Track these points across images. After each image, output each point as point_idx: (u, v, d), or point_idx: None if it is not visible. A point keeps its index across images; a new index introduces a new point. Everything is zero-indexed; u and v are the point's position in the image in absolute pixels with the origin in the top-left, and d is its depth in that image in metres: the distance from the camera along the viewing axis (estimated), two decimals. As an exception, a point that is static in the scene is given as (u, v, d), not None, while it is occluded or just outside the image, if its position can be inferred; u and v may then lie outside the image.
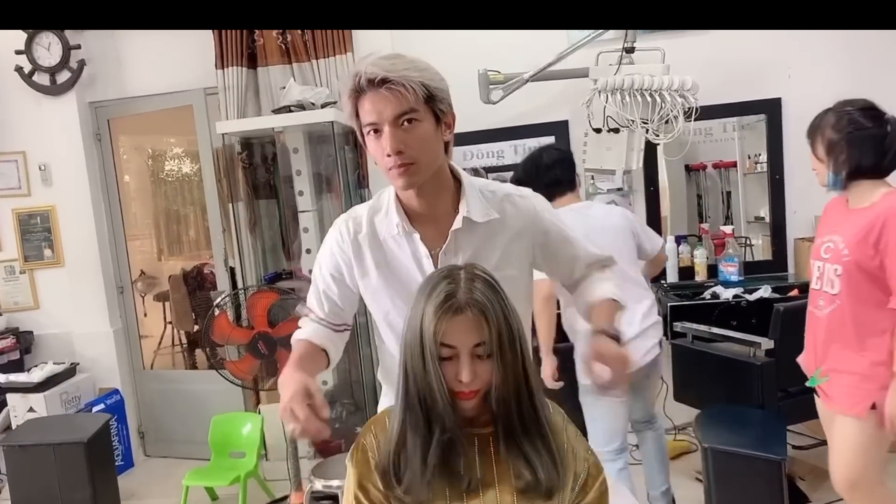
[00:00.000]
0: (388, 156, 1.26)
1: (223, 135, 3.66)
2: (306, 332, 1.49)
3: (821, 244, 2.11)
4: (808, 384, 2.20)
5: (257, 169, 3.94)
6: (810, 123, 2.13)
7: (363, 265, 1.44)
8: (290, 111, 3.50)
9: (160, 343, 5.61)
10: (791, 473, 2.85)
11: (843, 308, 2.02)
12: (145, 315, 5.37)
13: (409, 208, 1.40)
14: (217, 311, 2.98)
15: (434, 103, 1.28)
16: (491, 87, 3.28)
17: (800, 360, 2.28)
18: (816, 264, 2.12)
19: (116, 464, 3.52)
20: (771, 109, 3.62)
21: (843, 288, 2.01)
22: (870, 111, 2.01)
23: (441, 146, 1.34)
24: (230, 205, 3.86)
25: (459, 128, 1.43)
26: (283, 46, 3.77)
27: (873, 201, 1.98)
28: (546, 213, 1.50)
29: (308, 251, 3.74)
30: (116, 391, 4.04)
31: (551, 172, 2.58)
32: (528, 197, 1.49)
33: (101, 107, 4.10)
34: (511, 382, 1.11)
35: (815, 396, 2.22)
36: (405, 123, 1.26)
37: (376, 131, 1.27)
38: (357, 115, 1.30)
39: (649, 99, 3.04)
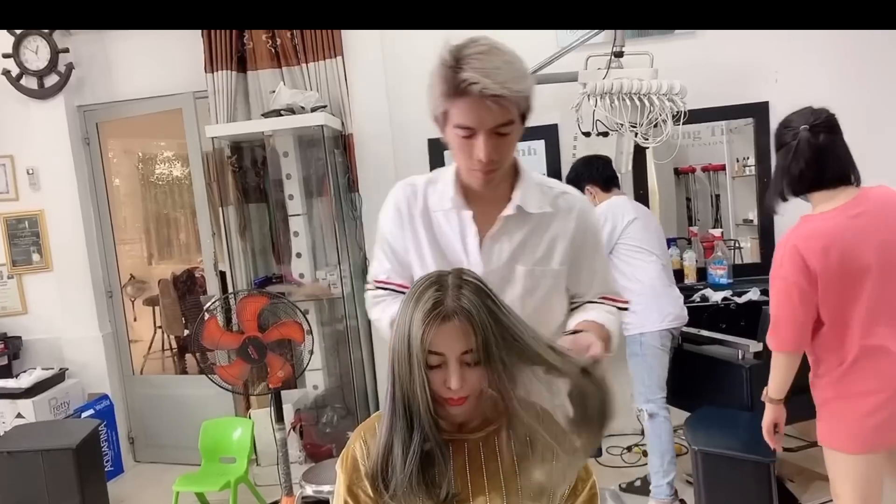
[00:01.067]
0: (479, 160, 1.28)
1: (213, 138, 3.65)
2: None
3: None
4: None
5: (247, 173, 3.93)
6: None
7: (416, 234, 1.46)
8: (280, 115, 3.50)
9: (150, 348, 5.58)
10: (780, 475, 2.86)
11: None
12: (135, 320, 5.35)
13: (468, 187, 1.41)
14: (207, 316, 2.96)
15: (527, 112, 1.31)
16: (481, 90, 3.28)
17: None
18: None
19: (106, 470, 3.50)
20: (758, 113, 3.65)
21: None
22: (784, 127, 1.92)
23: None
24: (220, 209, 3.85)
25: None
26: (273, 50, 3.77)
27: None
28: (593, 220, 1.51)
29: (298, 255, 3.74)
30: (106, 396, 4.02)
31: (610, 170, 3.18)
32: (582, 199, 1.51)
33: (89, 110, 4.09)
34: (503, 388, 1.11)
35: None
36: (501, 133, 1.28)
37: (470, 135, 1.28)
38: (444, 109, 1.29)
39: (638, 103, 3.06)
